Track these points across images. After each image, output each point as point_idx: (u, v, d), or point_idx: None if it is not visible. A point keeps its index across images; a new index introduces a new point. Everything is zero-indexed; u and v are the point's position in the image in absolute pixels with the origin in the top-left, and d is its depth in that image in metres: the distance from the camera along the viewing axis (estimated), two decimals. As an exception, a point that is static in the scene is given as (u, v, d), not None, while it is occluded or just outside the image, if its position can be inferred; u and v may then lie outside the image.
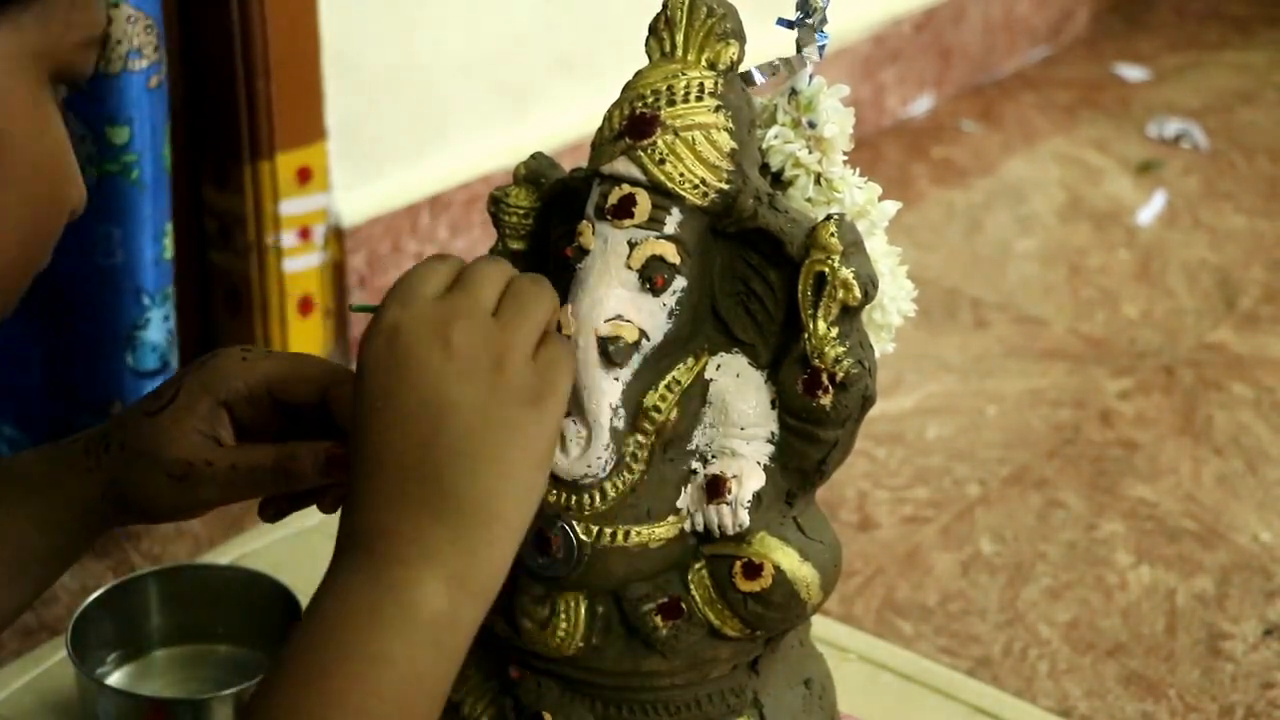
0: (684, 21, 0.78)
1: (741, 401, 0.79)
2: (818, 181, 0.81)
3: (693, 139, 0.76)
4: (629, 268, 0.76)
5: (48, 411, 1.25)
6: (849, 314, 0.77)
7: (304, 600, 1.03)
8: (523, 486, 0.68)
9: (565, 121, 1.62)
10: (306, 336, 1.50)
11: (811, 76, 0.82)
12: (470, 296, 0.69)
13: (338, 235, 1.49)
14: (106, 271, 1.18)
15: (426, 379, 0.67)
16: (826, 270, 0.76)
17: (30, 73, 0.63)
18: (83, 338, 1.20)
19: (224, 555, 1.18)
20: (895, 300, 0.84)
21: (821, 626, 1.06)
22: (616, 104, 0.78)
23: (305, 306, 1.49)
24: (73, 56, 0.65)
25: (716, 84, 0.77)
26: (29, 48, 0.63)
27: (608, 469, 0.77)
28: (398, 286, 0.70)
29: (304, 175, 1.46)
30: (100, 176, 1.15)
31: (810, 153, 0.81)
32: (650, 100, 0.77)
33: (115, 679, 1.04)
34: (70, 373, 1.23)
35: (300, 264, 1.47)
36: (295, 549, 1.17)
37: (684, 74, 0.77)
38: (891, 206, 0.83)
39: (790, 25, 0.82)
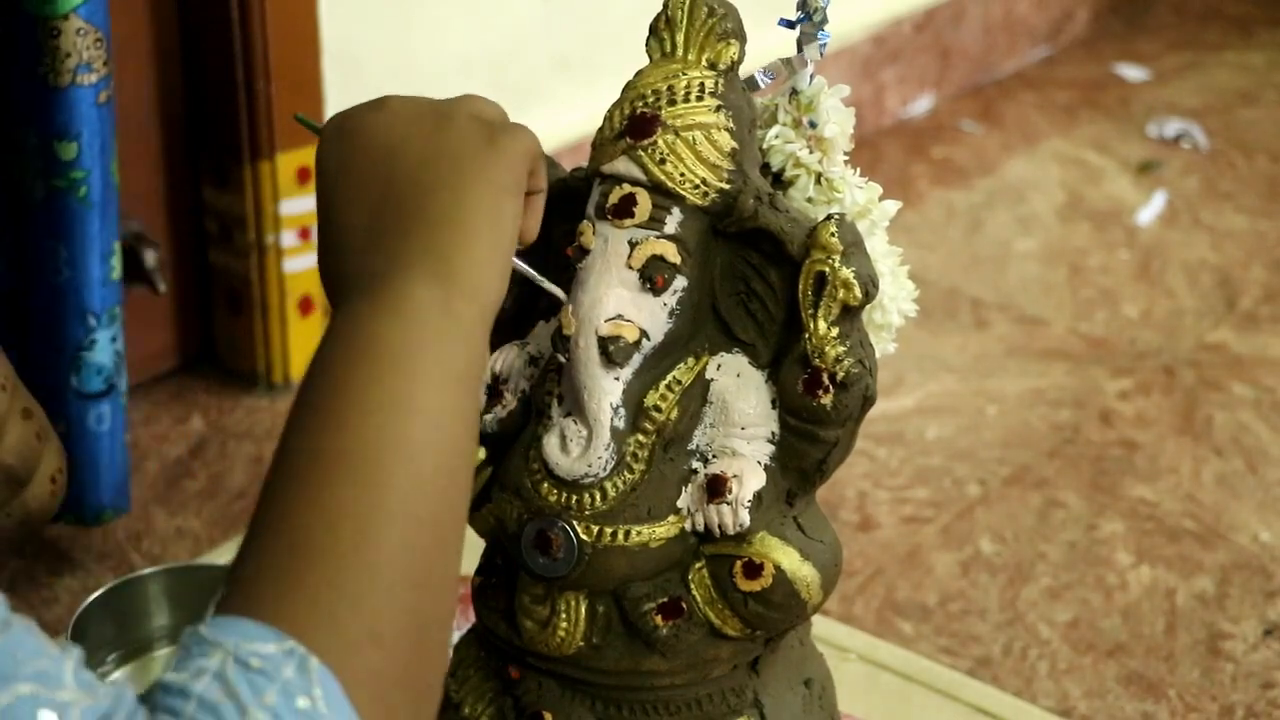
0: (684, 21, 0.78)
1: (742, 401, 0.79)
2: (818, 181, 0.82)
3: (693, 139, 0.76)
4: (629, 267, 0.77)
5: None
6: (849, 314, 0.77)
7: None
8: (487, 203, 0.69)
9: (565, 121, 1.62)
10: (307, 336, 1.50)
11: (812, 76, 0.82)
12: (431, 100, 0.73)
13: (338, 235, 1.49)
14: (53, 290, 1.15)
15: (375, 137, 0.70)
16: (827, 270, 0.76)
17: None
18: (29, 357, 1.16)
19: (224, 555, 1.18)
20: (896, 300, 0.84)
21: (821, 626, 1.06)
22: (617, 104, 0.78)
23: (305, 306, 1.49)
24: None
25: (717, 84, 0.77)
26: None
27: (608, 468, 0.77)
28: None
29: (304, 175, 1.45)
30: (49, 192, 1.12)
31: (811, 153, 0.81)
32: (651, 100, 0.77)
33: (115, 679, 1.04)
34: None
35: (300, 264, 1.47)
36: (295, 549, 1.17)
37: (684, 74, 0.77)
38: (892, 206, 0.83)
39: (791, 25, 0.82)
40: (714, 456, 0.79)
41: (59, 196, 1.13)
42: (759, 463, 0.79)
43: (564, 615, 0.79)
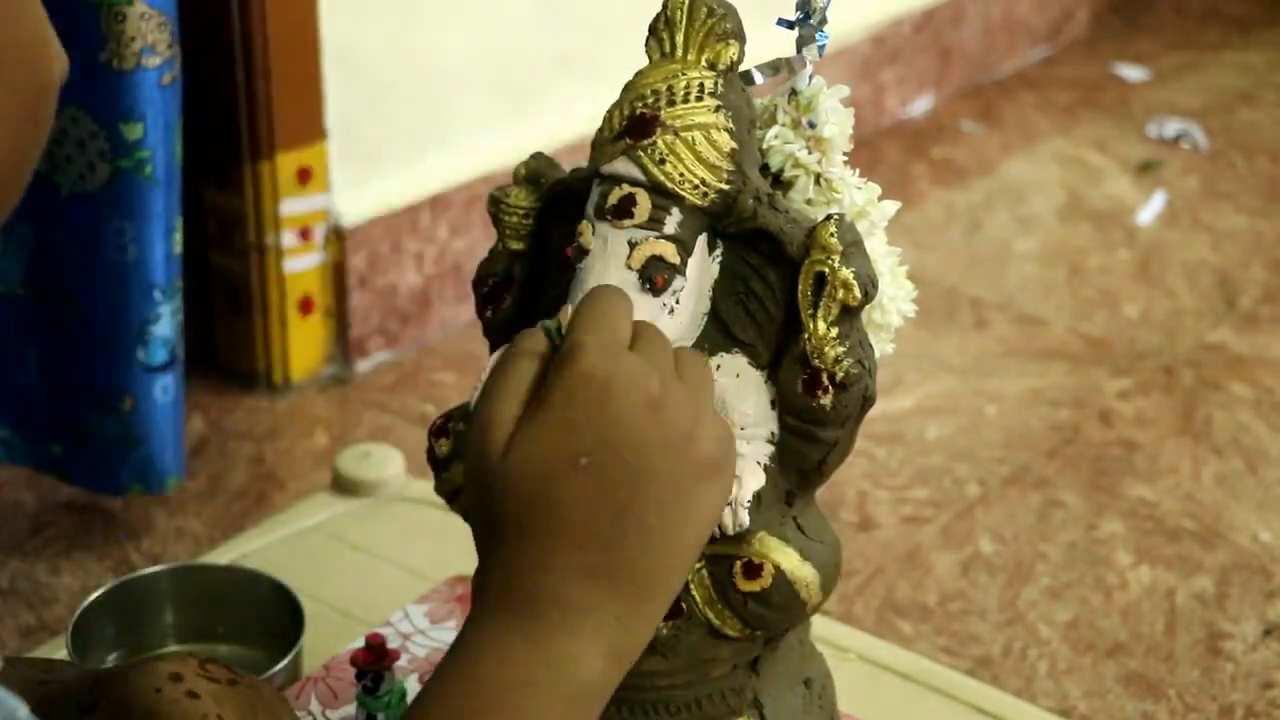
0: (684, 22, 0.78)
1: (741, 401, 0.79)
2: (817, 182, 0.81)
3: (693, 139, 0.76)
4: (629, 268, 0.76)
5: (48, 412, 1.25)
6: (849, 314, 0.77)
7: (304, 600, 1.03)
8: (689, 560, 0.66)
9: (565, 121, 1.62)
10: (306, 337, 1.50)
11: (811, 77, 0.82)
12: (664, 355, 0.67)
13: (338, 235, 1.49)
14: (118, 267, 1.18)
15: (636, 442, 0.64)
16: (826, 270, 0.76)
17: None
18: (93, 334, 1.20)
19: (224, 555, 1.18)
20: (895, 300, 0.84)
21: (821, 626, 1.06)
22: (616, 104, 0.78)
23: (305, 306, 1.49)
24: None
25: (716, 84, 0.77)
26: None
27: (608, 469, 0.77)
28: (592, 323, 0.66)
29: (304, 175, 1.46)
30: (113, 172, 1.15)
31: (810, 153, 0.81)
32: (650, 100, 0.77)
33: (115, 679, 1.04)
34: (78, 371, 1.22)
35: (300, 264, 1.48)
36: (295, 549, 1.17)
37: (684, 74, 0.77)
38: (891, 206, 0.83)
39: (790, 25, 0.82)
40: (713, 457, 0.79)
41: (125, 176, 1.15)
42: (758, 463, 0.78)
43: (564, 615, 0.79)
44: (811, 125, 0.81)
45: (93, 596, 1.03)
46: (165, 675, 0.74)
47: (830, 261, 0.76)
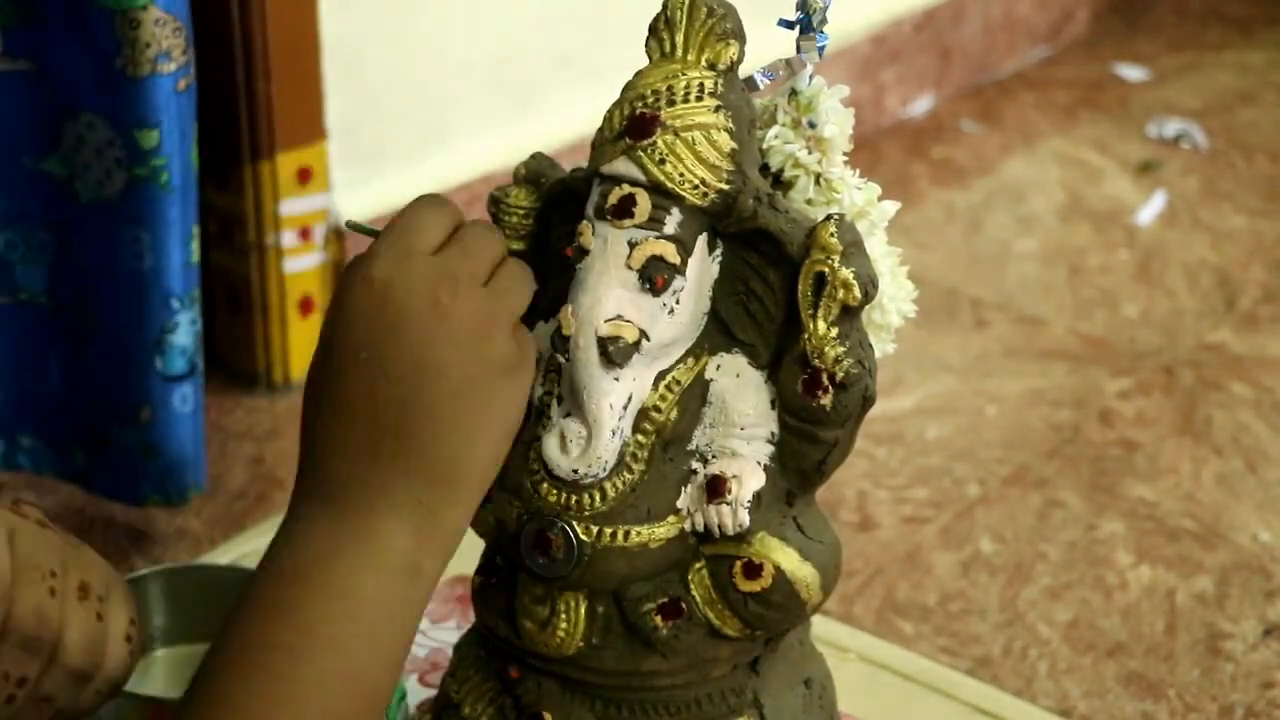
0: (684, 21, 0.78)
1: (741, 401, 0.79)
2: (817, 182, 0.82)
3: (693, 139, 0.76)
4: (629, 268, 0.77)
5: (70, 421, 1.24)
6: (849, 314, 0.77)
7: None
8: (491, 454, 0.70)
9: (565, 121, 1.62)
10: (307, 336, 1.50)
11: (811, 77, 0.82)
12: (467, 261, 0.71)
13: (338, 235, 1.49)
14: (135, 276, 1.17)
15: (417, 339, 0.69)
16: (826, 270, 0.76)
17: None
18: (110, 343, 1.19)
19: (224, 556, 1.18)
20: (895, 300, 0.84)
21: (821, 626, 1.06)
22: (616, 104, 0.78)
23: (306, 306, 1.49)
24: None
25: (716, 84, 0.77)
26: None
27: (608, 469, 0.77)
28: (393, 232, 0.71)
29: (304, 175, 1.46)
30: (129, 180, 1.14)
31: (810, 153, 0.81)
32: (650, 100, 0.77)
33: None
34: (96, 380, 1.21)
35: (301, 264, 1.48)
36: (295, 549, 1.17)
37: (684, 74, 0.77)
38: (891, 207, 0.83)
39: (790, 25, 0.82)
40: (713, 457, 0.79)
41: (140, 184, 1.14)
42: (758, 463, 0.79)
43: (564, 615, 0.80)
44: (812, 125, 0.81)
45: (92, 597, 1.03)
46: None
47: (830, 261, 0.76)
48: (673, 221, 0.77)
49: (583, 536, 0.77)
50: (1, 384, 1.23)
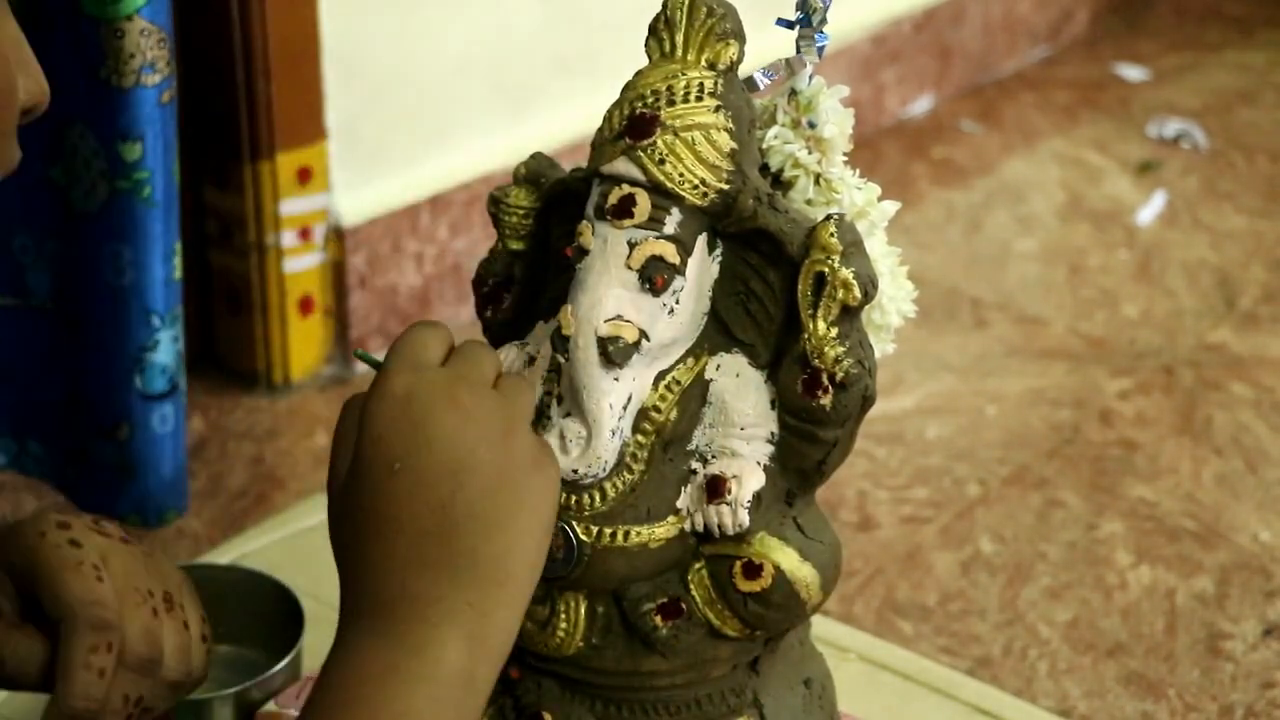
0: (684, 22, 0.78)
1: (741, 401, 0.79)
2: (817, 182, 0.82)
3: (692, 139, 0.76)
4: (629, 268, 0.76)
5: (62, 431, 1.23)
6: (849, 314, 0.77)
7: (304, 600, 1.03)
8: (533, 548, 0.70)
9: (565, 121, 1.62)
10: (306, 336, 1.50)
11: (811, 77, 0.82)
12: (474, 368, 0.72)
13: (338, 235, 1.49)
14: (116, 291, 1.15)
15: (448, 441, 0.68)
16: (826, 270, 0.76)
17: None
18: (93, 359, 1.17)
19: (224, 555, 1.18)
20: (895, 301, 0.84)
21: (821, 626, 1.06)
22: (616, 104, 0.78)
23: (305, 306, 1.49)
24: None
25: (716, 84, 0.77)
26: None
27: (607, 469, 0.77)
28: (400, 351, 0.72)
29: (304, 175, 1.46)
30: (111, 194, 1.13)
31: (810, 153, 0.81)
32: (650, 100, 0.77)
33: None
34: (82, 394, 1.20)
35: (300, 264, 1.47)
36: (295, 549, 1.17)
37: (684, 74, 0.77)
38: (891, 207, 0.83)
39: (790, 25, 0.82)
40: (713, 457, 0.79)
41: (122, 198, 1.13)
42: (758, 463, 0.79)
43: (564, 615, 0.80)
44: (811, 125, 0.81)
45: (93, 596, 1.03)
46: (53, 522, 0.75)
47: (830, 261, 0.76)
48: (672, 221, 0.77)
49: (582, 536, 0.77)
50: (15, 385, 1.22)
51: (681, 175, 0.76)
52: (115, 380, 1.17)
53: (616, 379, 0.77)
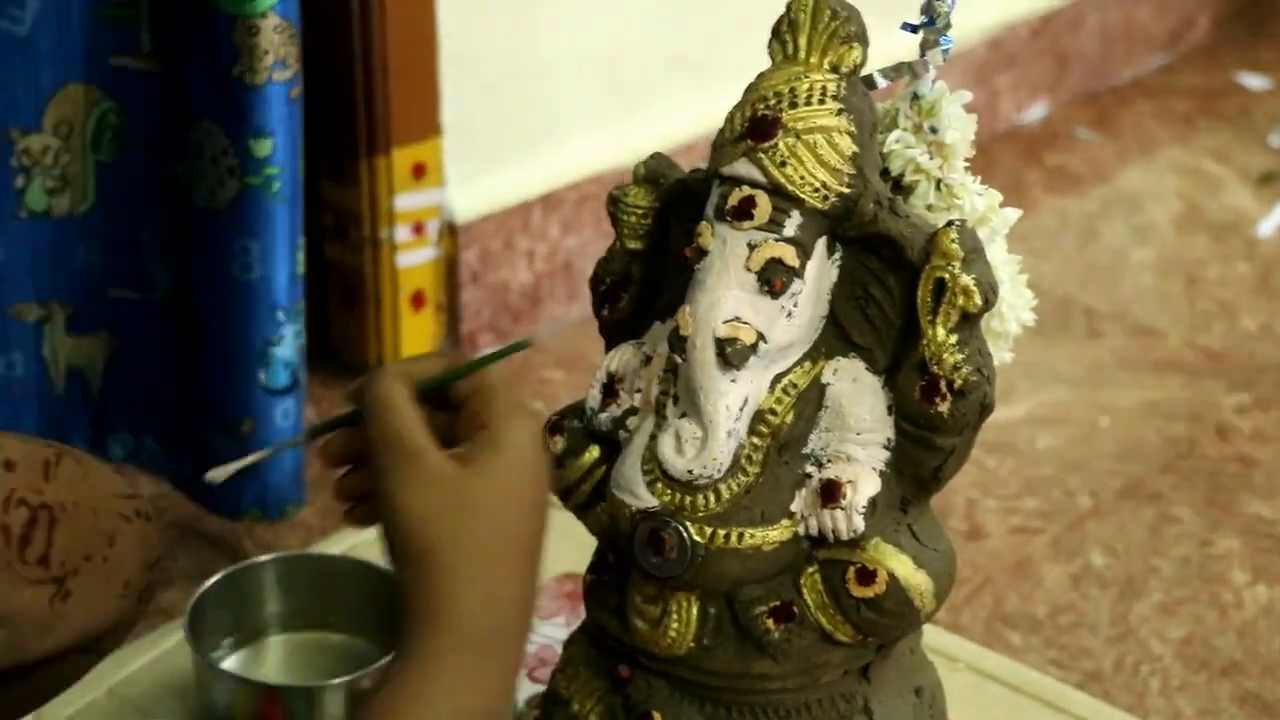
0: (808, 24, 0.78)
1: (858, 406, 0.78)
2: (938, 187, 0.81)
3: (814, 142, 0.76)
4: (748, 270, 0.76)
5: (184, 428, 1.25)
6: (968, 321, 0.77)
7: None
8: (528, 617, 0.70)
9: (678, 121, 1.62)
10: (418, 331, 1.51)
11: (934, 81, 0.81)
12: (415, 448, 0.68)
13: (451, 231, 1.50)
14: (243, 287, 1.15)
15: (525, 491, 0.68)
16: (947, 276, 0.76)
17: None
18: (216, 354, 1.18)
19: (336, 545, 1.19)
20: (1014, 309, 0.83)
21: (930, 635, 1.05)
22: (738, 106, 0.78)
23: (418, 301, 1.50)
24: None
25: (839, 87, 0.77)
26: None
27: (722, 470, 0.77)
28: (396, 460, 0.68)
29: (419, 171, 1.47)
30: (241, 189, 1.13)
31: (931, 158, 0.81)
32: (772, 102, 0.77)
33: (230, 663, 1.05)
34: (203, 390, 1.21)
35: (413, 259, 1.49)
36: (405, 542, 1.18)
37: (806, 77, 0.77)
38: (1012, 214, 0.82)
39: (914, 29, 0.81)
40: (828, 461, 0.79)
41: (252, 193, 1.13)
42: (874, 469, 0.78)
43: (675, 615, 0.80)
44: (933, 130, 0.81)
45: (209, 582, 1.04)
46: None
47: (951, 268, 0.75)
48: (792, 224, 0.77)
49: (696, 537, 0.77)
50: (135, 380, 1.23)
51: (802, 178, 0.76)
52: (239, 375, 1.18)
53: (733, 381, 0.77)
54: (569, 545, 0.83)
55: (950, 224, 0.76)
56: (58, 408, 1.22)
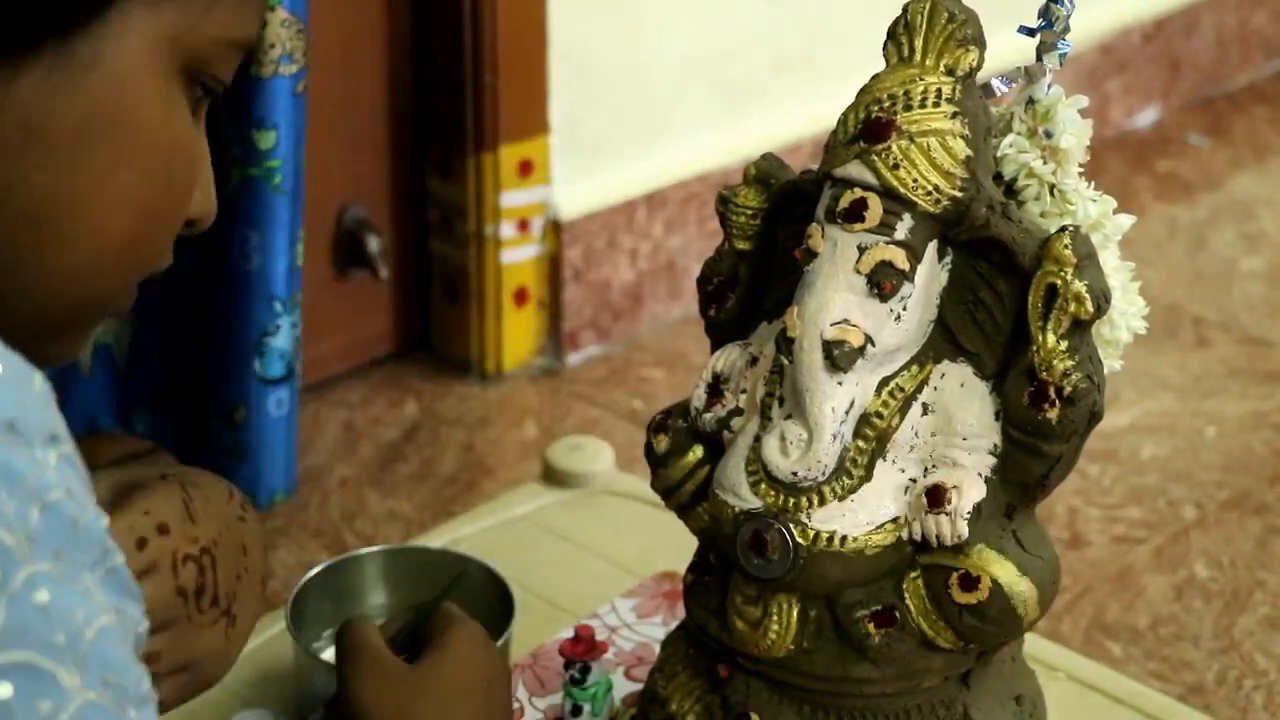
0: (924, 26, 0.77)
1: (964, 411, 0.78)
2: (1051, 193, 0.80)
3: (928, 145, 0.76)
4: (857, 272, 0.76)
5: (184, 409, 1.26)
6: (1079, 328, 0.76)
7: (513, 586, 1.04)
8: None
9: (784, 122, 1.61)
10: (521, 326, 1.52)
11: (1050, 85, 0.81)
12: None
13: (555, 228, 1.51)
14: (241, 275, 1.18)
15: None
16: (1059, 283, 0.75)
17: (161, 57, 0.61)
18: (216, 341, 1.20)
19: (435, 539, 1.20)
20: (1125, 316, 0.82)
21: (1029, 643, 1.04)
22: (852, 108, 0.78)
23: (520, 297, 1.51)
24: (209, 52, 0.63)
25: (954, 90, 0.76)
26: (163, 31, 0.61)
27: (827, 473, 0.77)
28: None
29: (525, 168, 1.48)
30: (243, 179, 1.15)
31: (1045, 163, 0.80)
32: (886, 104, 0.76)
33: (330, 654, 1.06)
34: (200, 377, 1.23)
35: (517, 255, 1.50)
36: (505, 537, 1.19)
37: (921, 79, 0.76)
38: (1126, 220, 0.81)
39: (1031, 33, 0.81)
40: (934, 466, 0.78)
41: (253, 184, 1.16)
42: (979, 474, 0.78)
43: (775, 617, 0.79)
44: (1048, 135, 0.80)
45: (311, 573, 1.05)
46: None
47: (1063, 274, 0.75)
48: (904, 227, 0.76)
49: (799, 539, 0.77)
50: (156, 355, 1.25)
51: (915, 181, 0.76)
52: (235, 363, 1.20)
53: (840, 383, 0.76)
54: (668, 545, 0.83)
55: (1063, 230, 0.76)
56: (87, 384, 1.24)
